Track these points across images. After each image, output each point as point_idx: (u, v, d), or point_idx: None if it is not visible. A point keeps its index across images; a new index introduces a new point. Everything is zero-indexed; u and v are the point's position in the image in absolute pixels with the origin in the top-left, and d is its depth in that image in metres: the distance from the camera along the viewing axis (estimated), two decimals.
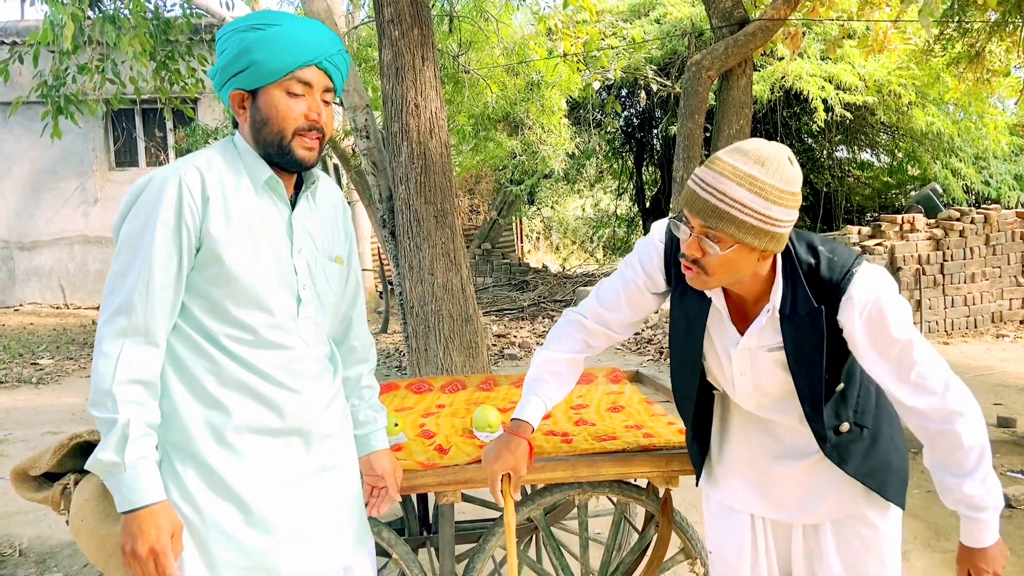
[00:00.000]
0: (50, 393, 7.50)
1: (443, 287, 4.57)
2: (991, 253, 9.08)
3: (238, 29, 1.55)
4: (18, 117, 7.98)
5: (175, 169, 1.51)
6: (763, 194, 1.47)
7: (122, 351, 1.44)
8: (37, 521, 4.14)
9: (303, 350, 1.59)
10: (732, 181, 1.48)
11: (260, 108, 1.54)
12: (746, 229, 1.49)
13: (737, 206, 1.47)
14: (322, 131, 1.56)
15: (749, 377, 1.75)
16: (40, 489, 1.84)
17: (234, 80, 1.55)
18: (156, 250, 1.46)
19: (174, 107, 7.25)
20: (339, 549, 1.65)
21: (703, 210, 1.50)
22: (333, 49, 1.56)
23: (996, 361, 7.50)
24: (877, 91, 10.04)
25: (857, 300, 1.57)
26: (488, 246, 14.39)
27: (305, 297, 1.60)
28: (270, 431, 1.55)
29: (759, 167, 1.48)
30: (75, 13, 5.04)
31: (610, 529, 2.26)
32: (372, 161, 4.99)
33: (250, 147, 1.57)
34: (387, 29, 4.52)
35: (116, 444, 1.41)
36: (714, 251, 1.52)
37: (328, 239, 1.68)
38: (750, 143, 1.55)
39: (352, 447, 1.77)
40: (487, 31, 9.18)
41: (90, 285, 12.60)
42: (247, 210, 1.53)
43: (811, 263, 1.62)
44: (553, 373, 1.89)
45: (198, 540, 1.50)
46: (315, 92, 1.55)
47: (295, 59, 1.51)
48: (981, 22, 6.71)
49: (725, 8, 4.92)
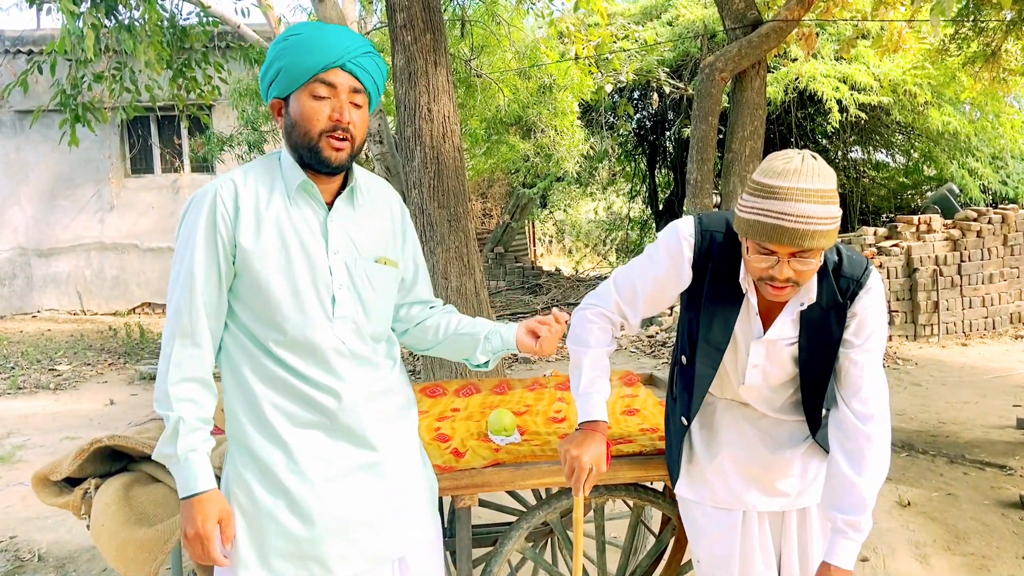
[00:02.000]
0: (68, 399, 7.56)
1: (457, 291, 4.58)
2: (1009, 253, 9.00)
3: (277, 41, 1.63)
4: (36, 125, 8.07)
5: (215, 182, 1.62)
6: (830, 200, 1.57)
7: (173, 352, 1.56)
8: (56, 526, 4.18)
9: (340, 349, 1.63)
10: (807, 202, 1.54)
11: (290, 113, 1.61)
12: (829, 236, 1.59)
13: (822, 222, 1.56)
14: (348, 131, 1.59)
15: (761, 370, 1.84)
16: (61, 494, 1.87)
17: (271, 88, 1.63)
18: (196, 259, 1.56)
19: (190, 114, 7.31)
20: (390, 541, 1.68)
21: (794, 238, 1.56)
22: (358, 51, 1.60)
23: (1015, 363, 7.43)
24: (892, 91, 9.97)
25: (874, 290, 1.74)
26: (501, 250, 14.39)
27: (341, 297, 1.63)
28: (311, 426, 1.62)
29: (817, 179, 1.56)
30: (94, 23, 5.09)
31: (627, 532, 2.25)
32: (385, 166, 5.01)
33: (290, 156, 1.64)
34: (399, 34, 4.54)
35: (170, 438, 1.53)
36: (811, 265, 1.62)
37: (373, 241, 1.71)
38: (779, 159, 1.61)
39: (411, 440, 1.79)
40: (499, 35, 9.20)
41: (106, 291, 12.71)
42: (279, 216, 1.60)
43: (836, 260, 1.75)
44: (603, 369, 1.94)
45: (252, 525, 1.59)
46: (340, 93, 1.58)
47: (318, 62, 1.56)
48: (997, 21, 6.65)
49: (738, 9, 4.90)
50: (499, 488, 2.03)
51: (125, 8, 5.86)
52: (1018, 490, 4.13)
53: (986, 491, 4.19)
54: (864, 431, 1.73)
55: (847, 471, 1.73)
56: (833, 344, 1.76)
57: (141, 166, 12.82)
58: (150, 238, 12.61)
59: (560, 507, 2.14)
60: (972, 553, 3.48)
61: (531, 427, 2.38)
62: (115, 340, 10.32)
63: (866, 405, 1.74)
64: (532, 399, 2.73)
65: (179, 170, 12.75)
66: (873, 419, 1.74)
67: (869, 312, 1.74)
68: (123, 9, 5.88)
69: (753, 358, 1.83)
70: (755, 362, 1.83)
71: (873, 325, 1.75)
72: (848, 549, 1.72)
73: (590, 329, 1.93)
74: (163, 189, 12.65)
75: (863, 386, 1.75)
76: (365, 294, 1.67)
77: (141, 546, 1.62)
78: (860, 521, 1.71)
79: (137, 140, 12.68)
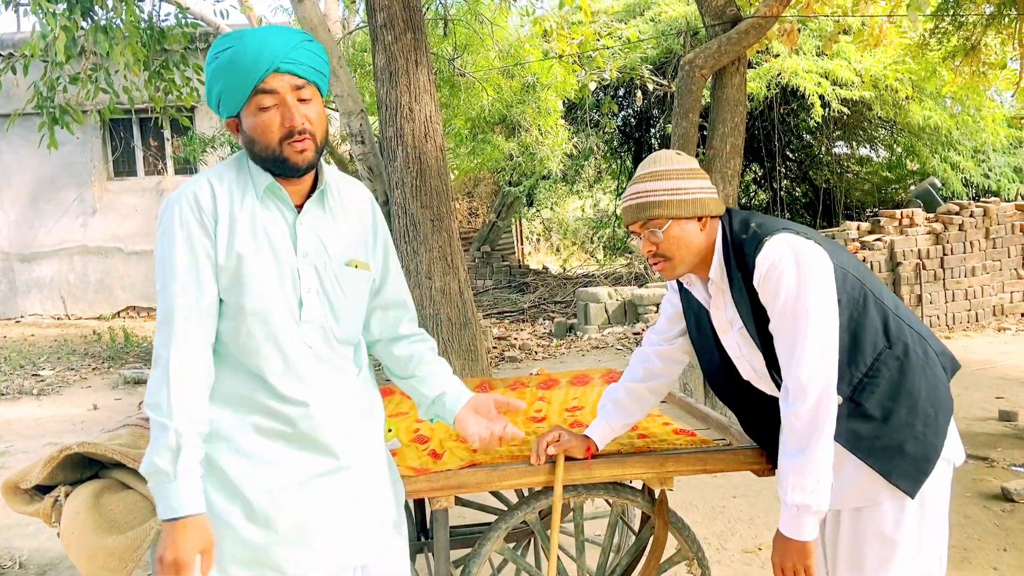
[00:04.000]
0: (51, 404, 7.50)
1: (441, 291, 4.57)
2: (991, 246, 9.07)
3: (208, 62, 1.59)
4: (16, 128, 8.00)
5: (190, 185, 1.60)
6: (664, 176, 1.82)
7: (171, 359, 1.50)
8: (37, 533, 4.14)
9: (306, 353, 1.61)
10: (638, 183, 1.85)
11: (245, 131, 1.58)
12: (668, 206, 1.80)
13: (651, 194, 1.82)
14: (306, 131, 1.55)
15: (746, 360, 1.88)
16: (31, 502, 1.84)
17: (220, 110, 1.60)
18: (178, 264, 1.54)
19: (171, 116, 7.25)
20: (351, 548, 1.66)
21: (632, 214, 1.85)
22: (288, 46, 1.54)
23: (998, 355, 7.48)
24: (874, 86, 10.02)
25: (759, 266, 1.74)
26: (488, 248, 14.38)
27: (308, 301, 1.61)
28: (273, 434, 1.59)
29: (652, 164, 1.86)
30: (67, 25, 5.04)
31: (606, 531, 2.25)
32: (368, 166, 4.98)
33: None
34: (380, 34, 4.52)
35: (171, 454, 1.47)
36: (658, 236, 1.82)
37: (345, 244, 1.68)
38: (645, 159, 1.90)
39: (376, 446, 1.76)
40: (482, 34, 9.18)
41: (90, 295, 12.61)
42: (251, 218, 1.58)
43: (742, 238, 1.81)
44: (613, 400, 2.11)
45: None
46: (284, 97, 1.54)
47: (252, 74, 1.51)
48: (976, 15, 6.69)
49: (717, 6, 4.91)
50: (475, 489, 2.02)
51: (102, 9, 5.81)
52: (1000, 482, 4.16)
53: (968, 483, 4.21)
54: (787, 408, 1.71)
55: (781, 444, 1.74)
56: (751, 321, 1.78)
57: (124, 168, 12.72)
58: (134, 241, 12.52)
59: (539, 507, 2.13)
60: (954, 545, 3.49)
61: None
62: (99, 344, 10.25)
63: (790, 380, 1.71)
64: (513, 398, 2.72)
65: (162, 172, 12.67)
66: (792, 396, 1.69)
67: (768, 284, 1.72)
68: (100, 10, 5.82)
69: (731, 350, 1.90)
70: (734, 353, 1.90)
71: (780, 297, 1.71)
72: (786, 517, 1.71)
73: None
74: (146, 191, 12.56)
75: (787, 361, 1.71)
76: (335, 297, 1.65)
77: (111, 554, 1.60)
78: (785, 495, 1.70)
79: (119, 142, 12.58)
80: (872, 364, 1.76)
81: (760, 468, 2.08)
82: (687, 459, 2.08)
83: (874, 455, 1.74)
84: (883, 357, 1.76)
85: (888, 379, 1.76)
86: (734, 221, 1.85)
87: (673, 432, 2.25)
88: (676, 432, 2.25)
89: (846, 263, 1.81)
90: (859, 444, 1.75)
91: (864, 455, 1.75)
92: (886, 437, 1.75)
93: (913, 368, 1.77)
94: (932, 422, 1.76)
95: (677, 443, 2.16)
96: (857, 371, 1.76)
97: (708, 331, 1.95)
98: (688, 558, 2.20)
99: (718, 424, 2.38)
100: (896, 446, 1.74)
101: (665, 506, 2.14)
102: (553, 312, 11.66)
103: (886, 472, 1.74)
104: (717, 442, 2.20)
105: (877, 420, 1.75)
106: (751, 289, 1.77)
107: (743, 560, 3.48)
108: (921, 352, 1.80)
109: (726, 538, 3.71)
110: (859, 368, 1.76)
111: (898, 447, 1.74)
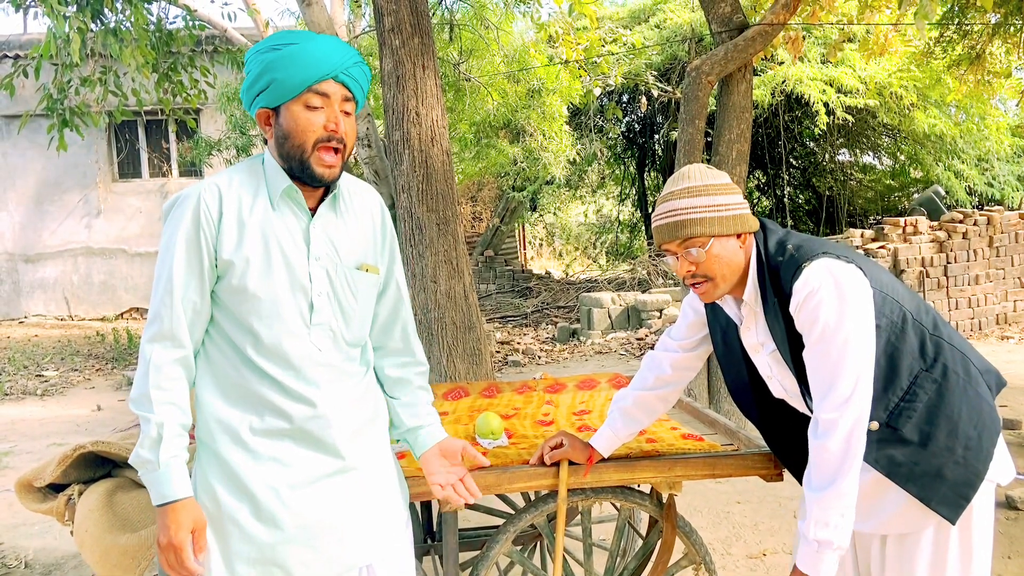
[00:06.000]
0: (55, 405, 7.52)
1: (446, 295, 4.58)
2: (995, 255, 9.07)
3: (261, 51, 1.61)
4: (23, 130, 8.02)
5: (199, 186, 1.61)
6: (701, 192, 1.74)
7: (153, 355, 1.55)
8: (43, 533, 4.15)
9: (315, 356, 1.62)
10: (672, 200, 1.75)
11: (282, 124, 1.60)
12: (709, 224, 1.72)
13: (689, 211, 1.73)
14: (342, 141, 1.61)
15: (777, 381, 1.83)
16: (44, 500, 1.86)
17: (259, 99, 1.61)
18: (176, 263, 1.56)
19: (177, 118, 7.28)
20: (356, 548, 1.67)
21: (668, 232, 1.75)
22: (349, 61, 1.61)
23: (1002, 363, 7.48)
24: (878, 94, 10.04)
25: (796, 292, 1.67)
26: (491, 253, 14.39)
27: (319, 304, 1.63)
28: (281, 434, 1.61)
29: (684, 180, 1.76)
30: (80, 27, 5.06)
31: (614, 535, 2.25)
32: (374, 170, 5.00)
33: (275, 161, 1.64)
34: (388, 38, 4.54)
35: (152, 443, 1.52)
36: (699, 255, 1.73)
37: (356, 248, 1.70)
38: (675, 174, 1.82)
39: (382, 447, 1.78)
40: (488, 39, 9.21)
41: (94, 297, 12.63)
42: (262, 222, 1.60)
43: (779, 260, 1.74)
44: (620, 409, 2.08)
45: (217, 529, 1.59)
46: (333, 103, 1.59)
47: (312, 74, 1.56)
48: (981, 24, 6.71)
49: (724, 13, 4.92)
50: (484, 492, 2.03)
51: (111, 12, 5.84)
52: (1004, 490, 4.16)
53: None
54: (815, 441, 1.65)
55: (806, 476, 1.68)
56: (800, 346, 1.70)
57: (129, 171, 12.77)
58: (138, 243, 12.55)
59: (547, 510, 2.14)
60: None
61: (518, 430, 2.39)
62: (103, 345, 10.26)
63: (821, 412, 1.64)
64: (520, 402, 2.74)
65: (167, 174, 12.70)
66: (822, 428, 1.63)
67: (805, 312, 1.65)
68: (109, 13, 5.85)
69: (762, 370, 1.86)
70: (765, 373, 1.85)
71: (817, 326, 1.64)
72: (805, 552, 1.64)
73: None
74: (151, 193, 12.60)
75: (820, 393, 1.65)
76: (345, 301, 1.67)
77: (124, 552, 1.61)
78: (807, 529, 1.63)
79: (125, 145, 12.62)
80: (909, 388, 1.70)
81: (768, 473, 2.09)
82: (696, 463, 2.08)
83: (912, 481, 1.68)
84: (920, 380, 1.70)
85: (926, 403, 1.69)
86: (769, 240, 1.77)
87: (681, 437, 2.26)
88: (684, 437, 2.26)
89: (885, 284, 1.75)
90: (896, 470, 1.69)
91: (902, 481, 1.69)
92: (924, 462, 1.68)
93: (952, 390, 1.70)
94: (975, 445, 1.69)
95: (685, 448, 2.17)
96: (894, 396, 1.70)
97: (736, 347, 1.89)
98: (695, 562, 2.21)
99: (725, 429, 2.39)
100: (935, 471, 1.67)
101: (673, 510, 2.15)
102: (556, 317, 11.66)
103: (925, 498, 1.67)
104: (725, 447, 2.21)
105: (915, 445, 1.68)
106: (787, 315, 1.70)
107: (748, 566, 3.48)
108: (962, 372, 1.73)
109: (731, 543, 3.72)
110: (896, 393, 1.70)
111: (937, 472, 1.67)
